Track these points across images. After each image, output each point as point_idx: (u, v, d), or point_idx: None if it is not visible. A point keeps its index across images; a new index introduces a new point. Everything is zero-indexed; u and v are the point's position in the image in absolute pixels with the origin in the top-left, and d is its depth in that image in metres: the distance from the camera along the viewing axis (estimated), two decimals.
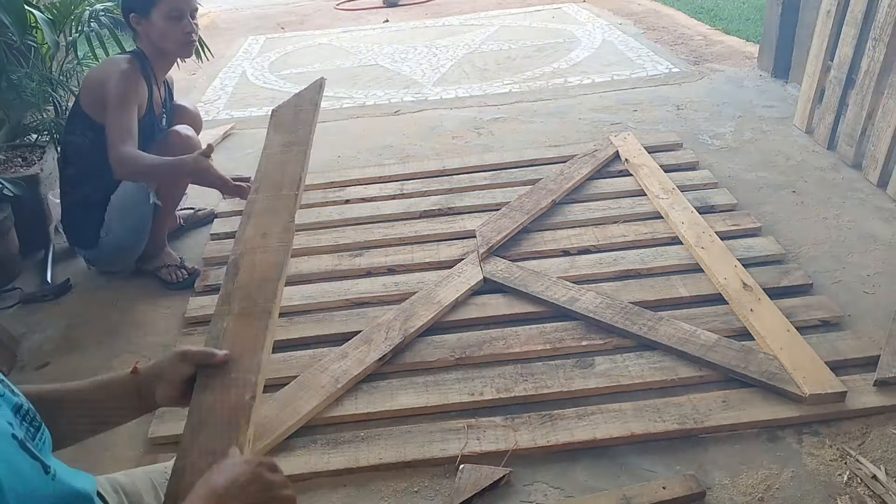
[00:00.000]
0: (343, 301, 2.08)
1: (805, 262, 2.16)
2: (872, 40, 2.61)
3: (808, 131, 3.06)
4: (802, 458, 1.50)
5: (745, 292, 1.92)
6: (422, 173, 2.86)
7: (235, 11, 6.86)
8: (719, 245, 2.14)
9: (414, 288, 2.10)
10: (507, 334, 1.88)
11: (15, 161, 2.65)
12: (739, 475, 1.47)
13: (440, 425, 1.62)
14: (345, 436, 1.61)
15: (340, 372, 1.75)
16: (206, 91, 4.40)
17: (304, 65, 4.80)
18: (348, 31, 5.59)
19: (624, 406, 1.63)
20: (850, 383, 1.63)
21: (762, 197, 2.56)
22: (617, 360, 1.77)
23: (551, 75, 4.11)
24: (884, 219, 2.38)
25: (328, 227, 2.51)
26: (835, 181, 2.65)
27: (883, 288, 2.03)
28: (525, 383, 1.72)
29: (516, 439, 1.56)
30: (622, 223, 2.37)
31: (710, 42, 4.56)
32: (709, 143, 3.03)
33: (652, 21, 5.22)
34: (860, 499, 1.40)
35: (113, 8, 2.90)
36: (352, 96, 4.06)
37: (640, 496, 1.40)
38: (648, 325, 1.83)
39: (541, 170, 2.77)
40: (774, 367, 1.66)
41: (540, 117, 3.46)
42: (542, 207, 2.43)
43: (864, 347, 1.75)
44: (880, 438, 1.54)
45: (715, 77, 3.87)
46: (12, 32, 2.51)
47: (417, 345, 1.87)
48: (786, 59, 3.64)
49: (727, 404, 1.61)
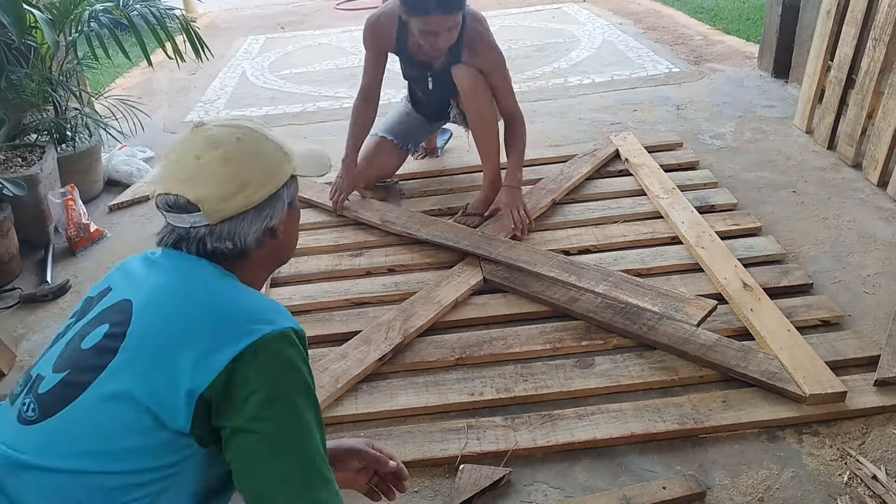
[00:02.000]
0: (343, 301, 2.08)
1: (805, 261, 2.16)
2: (873, 40, 2.60)
3: (808, 131, 3.06)
4: (803, 458, 1.50)
5: (746, 292, 1.92)
6: (422, 173, 2.86)
7: (235, 11, 6.86)
8: (719, 245, 2.13)
9: (414, 288, 2.10)
10: (507, 334, 1.88)
11: (15, 161, 2.65)
12: (739, 475, 1.47)
13: (440, 425, 1.62)
14: (345, 435, 1.61)
15: (340, 372, 1.75)
16: (206, 91, 4.40)
17: (304, 65, 4.80)
18: (348, 31, 5.58)
19: (624, 406, 1.63)
20: (851, 383, 1.63)
21: (762, 197, 2.56)
22: (617, 360, 1.77)
23: (551, 75, 4.11)
24: (884, 219, 2.38)
25: (328, 227, 2.51)
26: (835, 181, 2.65)
27: (883, 288, 2.03)
28: (525, 383, 1.72)
29: (516, 439, 1.56)
30: (622, 223, 2.37)
31: (710, 42, 4.56)
32: (709, 143, 3.03)
33: (652, 21, 5.22)
34: (860, 499, 1.40)
35: (112, 8, 2.90)
36: (352, 96, 4.01)
37: (640, 496, 1.40)
38: (648, 325, 1.83)
39: (541, 170, 2.77)
40: (774, 366, 1.66)
41: (540, 117, 3.46)
42: (542, 207, 2.43)
43: (865, 347, 1.75)
44: (880, 438, 1.53)
45: (715, 77, 3.87)
46: (12, 32, 2.51)
47: (417, 345, 1.87)
48: (786, 59, 3.63)
49: (727, 404, 1.61)
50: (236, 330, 0.90)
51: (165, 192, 1.00)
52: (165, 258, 1.02)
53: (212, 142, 1.00)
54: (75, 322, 1.00)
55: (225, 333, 0.90)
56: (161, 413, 0.87)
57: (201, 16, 6.60)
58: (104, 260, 2.50)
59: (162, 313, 0.93)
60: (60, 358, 0.95)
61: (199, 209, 0.97)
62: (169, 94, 4.43)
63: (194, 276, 0.99)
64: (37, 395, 0.92)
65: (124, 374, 0.89)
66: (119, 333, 0.92)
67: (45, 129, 2.87)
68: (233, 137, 1.01)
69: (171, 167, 1.02)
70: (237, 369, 0.88)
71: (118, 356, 0.90)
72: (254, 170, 1.01)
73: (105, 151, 3.16)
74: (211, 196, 0.98)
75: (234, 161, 0.99)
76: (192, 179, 0.98)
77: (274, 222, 1.04)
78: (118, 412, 0.87)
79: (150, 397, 0.87)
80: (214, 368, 0.87)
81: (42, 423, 0.89)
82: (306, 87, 4.33)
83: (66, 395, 0.90)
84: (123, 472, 0.86)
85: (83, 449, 0.87)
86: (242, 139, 1.02)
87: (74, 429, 0.88)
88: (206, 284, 0.98)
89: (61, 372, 0.92)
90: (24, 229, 2.48)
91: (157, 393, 0.87)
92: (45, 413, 0.90)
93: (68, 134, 2.93)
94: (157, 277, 0.99)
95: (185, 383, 0.87)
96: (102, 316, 0.96)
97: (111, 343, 0.91)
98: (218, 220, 0.99)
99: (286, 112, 3.92)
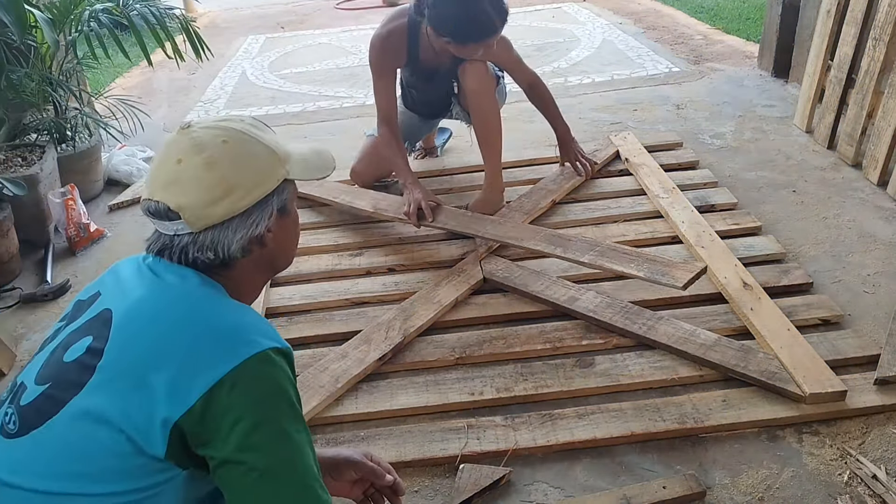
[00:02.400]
0: (343, 301, 2.08)
1: (805, 261, 2.16)
2: (873, 40, 2.60)
3: (808, 131, 3.06)
4: (803, 457, 1.50)
5: (745, 291, 1.92)
6: (422, 173, 2.86)
7: (235, 11, 6.86)
8: (719, 244, 2.13)
9: (414, 288, 2.10)
10: (507, 334, 1.88)
11: (15, 161, 2.65)
12: (740, 475, 1.47)
13: (440, 425, 1.62)
14: (345, 435, 1.61)
15: (340, 371, 1.75)
16: (206, 91, 4.40)
17: (304, 64, 4.80)
18: (348, 31, 5.59)
19: (624, 406, 1.63)
20: (851, 382, 1.63)
21: (762, 196, 2.56)
22: (617, 360, 1.77)
23: (551, 75, 4.11)
24: (884, 218, 2.38)
25: (328, 227, 2.51)
26: (835, 181, 2.65)
27: (883, 287, 2.03)
28: (525, 383, 1.72)
29: (516, 439, 1.56)
30: (622, 223, 2.37)
31: (710, 41, 4.56)
32: (709, 143, 3.03)
33: (652, 20, 5.22)
34: (860, 498, 1.40)
35: (112, 8, 2.90)
36: (352, 96, 4.05)
37: (640, 496, 1.40)
38: (648, 325, 1.83)
39: (541, 170, 2.77)
40: (774, 366, 1.66)
41: (540, 117, 3.44)
42: (542, 207, 2.43)
43: (865, 346, 1.75)
44: (881, 438, 1.53)
45: (715, 76, 3.87)
46: (12, 32, 2.51)
47: (417, 344, 1.87)
48: (786, 59, 3.63)
49: (727, 404, 1.61)
50: (215, 353, 0.85)
51: (148, 197, 0.96)
52: (152, 266, 0.97)
53: (196, 145, 0.95)
54: (64, 326, 0.97)
55: (202, 357, 0.85)
56: (136, 437, 0.82)
57: (201, 15, 6.60)
58: (104, 260, 2.50)
59: (139, 331, 0.89)
60: (43, 368, 0.91)
61: (181, 217, 0.93)
62: (169, 94, 4.43)
63: (176, 289, 0.94)
64: (18, 407, 0.88)
65: (101, 393, 0.84)
66: (98, 349, 0.88)
67: (45, 128, 2.87)
68: (218, 140, 0.96)
69: (154, 171, 0.97)
70: (216, 397, 0.83)
71: (95, 374, 0.86)
72: (241, 174, 0.95)
73: (105, 151, 3.17)
74: (194, 203, 0.93)
75: (218, 165, 0.94)
76: (174, 184, 0.94)
77: (260, 230, 0.98)
78: (94, 433, 0.83)
79: (125, 420, 0.83)
80: (191, 396, 0.82)
81: (22, 438, 0.86)
82: (306, 86, 4.33)
83: (46, 409, 0.86)
84: (100, 494, 0.83)
85: (59, 469, 0.83)
86: (228, 141, 0.96)
87: (51, 447, 0.84)
88: (186, 300, 0.93)
89: (43, 384, 0.89)
90: (24, 229, 2.48)
91: (131, 416, 0.83)
92: (24, 427, 0.86)
93: (68, 134, 2.93)
94: (139, 289, 0.94)
95: (161, 410, 0.82)
96: (87, 326, 0.93)
97: (91, 360, 0.87)
98: (201, 227, 0.94)
99: (286, 112, 3.92)
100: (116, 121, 3.21)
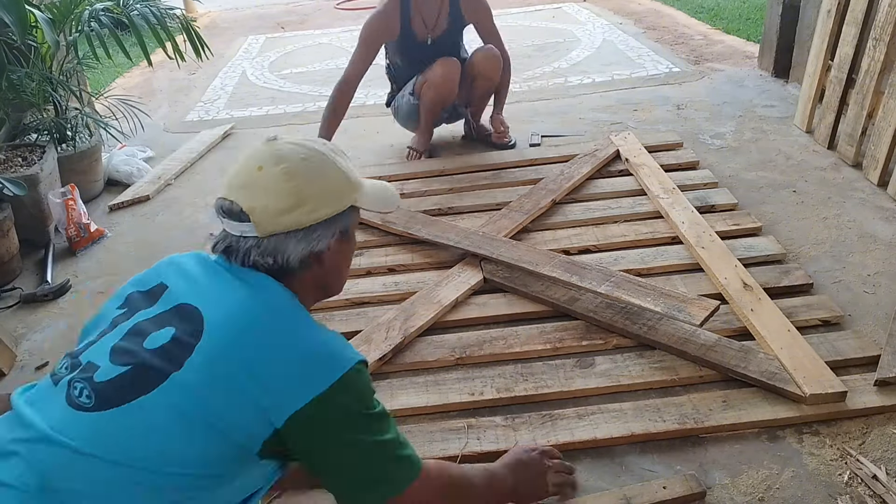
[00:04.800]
0: (343, 301, 2.08)
1: (805, 261, 2.16)
2: (873, 40, 2.60)
3: (808, 131, 3.06)
4: (803, 457, 1.50)
5: (746, 292, 1.92)
6: (422, 173, 2.86)
7: (235, 11, 6.87)
8: (720, 245, 2.13)
9: (414, 288, 2.10)
10: (507, 334, 1.88)
11: (15, 161, 2.65)
12: (740, 475, 1.47)
13: (440, 425, 1.62)
14: None
15: None
16: (207, 91, 4.40)
17: (304, 64, 4.80)
18: (348, 31, 5.59)
19: (624, 406, 1.63)
20: (851, 383, 1.63)
21: (762, 197, 2.56)
22: (617, 360, 1.77)
23: (551, 75, 4.11)
24: (884, 218, 2.38)
25: None
26: (835, 181, 2.65)
27: (883, 288, 2.03)
28: (525, 383, 1.72)
29: (516, 439, 1.56)
30: (622, 223, 2.37)
31: (710, 42, 4.56)
32: (709, 143, 3.03)
33: (652, 21, 5.22)
34: (860, 499, 1.40)
35: (113, 7, 2.90)
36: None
37: (640, 496, 1.40)
38: (648, 325, 1.83)
39: (541, 170, 2.77)
40: (775, 367, 1.66)
41: (540, 117, 3.46)
42: (542, 207, 2.43)
43: (865, 347, 1.75)
44: (881, 438, 1.53)
45: (715, 77, 3.87)
46: (13, 32, 2.51)
47: (417, 344, 1.87)
48: (786, 59, 3.64)
49: (727, 404, 1.61)
50: (317, 369, 0.93)
51: (223, 196, 1.01)
52: (227, 269, 1.01)
53: (277, 156, 1.01)
54: (125, 314, 1.00)
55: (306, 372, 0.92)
56: (231, 434, 0.89)
57: (201, 15, 6.60)
58: (104, 260, 2.50)
59: (240, 339, 0.93)
60: (118, 352, 0.94)
61: (250, 219, 0.98)
62: (169, 94, 4.44)
63: (268, 299, 0.98)
64: (93, 383, 0.91)
65: (196, 390, 0.89)
66: (189, 344, 0.92)
67: (46, 128, 2.87)
68: (298, 155, 1.01)
69: (233, 174, 1.03)
70: (317, 407, 0.90)
71: (190, 370, 0.90)
72: (314, 190, 1.00)
73: (105, 151, 3.17)
74: (265, 207, 0.98)
75: (295, 177, 0.99)
76: (250, 188, 0.99)
77: (321, 247, 1.03)
78: (186, 424, 0.88)
79: (222, 419, 0.88)
80: (294, 405, 0.90)
81: (99, 413, 0.89)
82: (306, 86, 4.33)
83: (129, 390, 0.90)
84: (177, 474, 0.87)
85: (140, 446, 0.87)
86: (307, 159, 1.02)
87: (136, 427, 0.88)
88: (282, 313, 0.98)
89: (122, 366, 0.92)
90: (24, 229, 2.48)
91: (228, 416, 0.89)
92: (102, 403, 0.89)
93: (68, 134, 2.94)
94: (228, 291, 0.98)
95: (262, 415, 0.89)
96: (166, 317, 0.96)
97: (180, 352, 0.91)
98: (268, 233, 0.99)
99: (286, 112, 3.92)
100: (117, 121, 3.22)
